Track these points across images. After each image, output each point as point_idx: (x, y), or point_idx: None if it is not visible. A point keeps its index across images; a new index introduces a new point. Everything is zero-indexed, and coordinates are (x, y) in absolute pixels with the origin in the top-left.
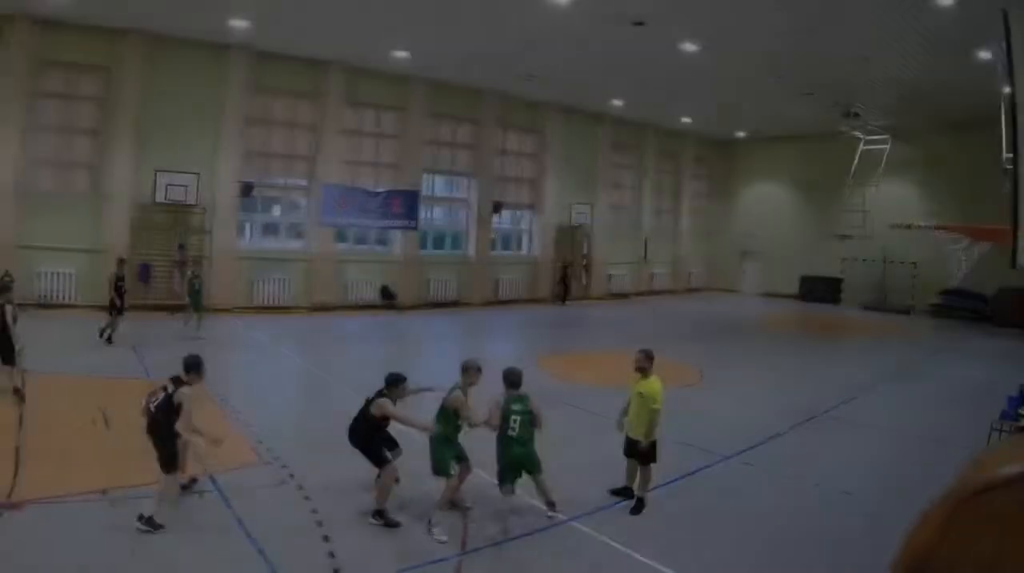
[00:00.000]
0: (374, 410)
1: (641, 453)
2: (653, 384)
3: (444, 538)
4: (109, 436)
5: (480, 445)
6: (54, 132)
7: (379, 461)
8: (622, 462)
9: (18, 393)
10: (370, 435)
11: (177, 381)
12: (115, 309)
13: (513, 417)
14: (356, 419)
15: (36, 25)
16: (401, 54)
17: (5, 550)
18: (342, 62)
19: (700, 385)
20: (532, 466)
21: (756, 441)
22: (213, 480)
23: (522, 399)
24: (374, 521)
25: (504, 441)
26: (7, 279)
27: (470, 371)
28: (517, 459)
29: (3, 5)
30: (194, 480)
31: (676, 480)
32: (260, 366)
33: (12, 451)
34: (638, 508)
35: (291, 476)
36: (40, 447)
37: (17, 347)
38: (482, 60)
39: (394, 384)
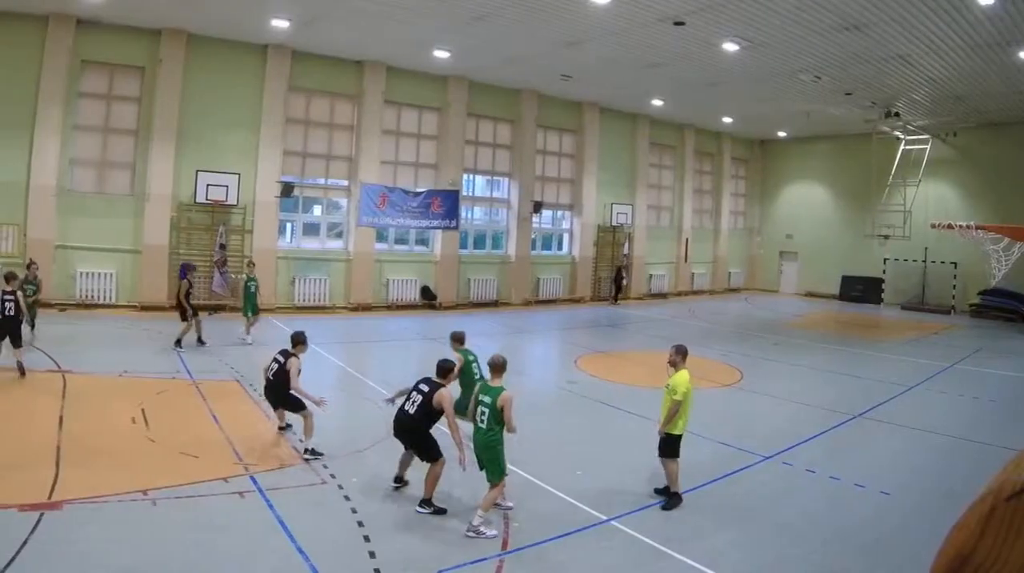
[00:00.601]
0: (436, 402)
1: (660, 444)
2: (679, 377)
3: (495, 532)
4: (149, 435)
5: (521, 444)
6: (93, 132)
7: (436, 454)
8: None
9: (20, 368)
10: (428, 428)
11: (286, 353)
12: (188, 315)
13: (481, 408)
14: (411, 413)
15: (75, 25)
16: (441, 54)
17: (46, 550)
18: (382, 62)
19: (740, 385)
20: (487, 470)
21: (796, 441)
22: (254, 480)
23: (493, 392)
24: (422, 510)
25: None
26: (33, 266)
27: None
28: (476, 452)
29: (43, 5)
30: (288, 426)
31: (716, 480)
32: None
33: (52, 451)
34: (669, 505)
35: (332, 476)
36: (80, 446)
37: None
38: (522, 60)
39: (450, 371)
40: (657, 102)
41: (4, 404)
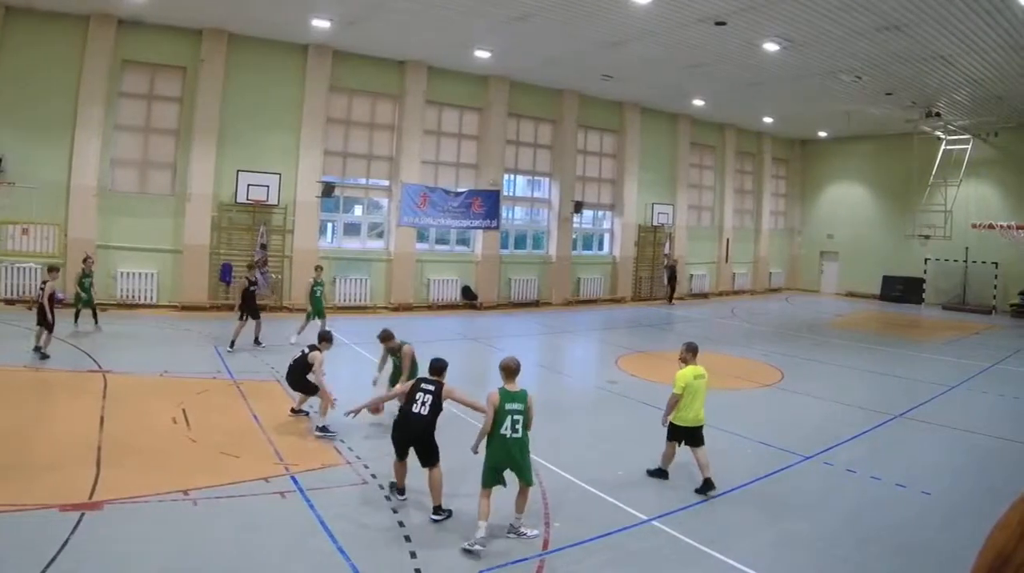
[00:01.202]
0: (446, 397)
1: (684, 435)
2: (682, 371)
3: (536, 532)
4: (190, 435)
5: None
6: (134, 132)
7: (438, 457)
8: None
9: (39, 351)
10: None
11: (312, 347)
12: (245, 315)
13: (513, 416)
14: (424, 414)
15: (116, 25)
16: (482, 54)
17: (86, 550)
18: (423, 62)
19: (781, 385)
20: (526, 474)
21: (836, 441)
22: (295, 480)
23: (521, 397)
24: (438, 517)
25: (495, 440)
26: (89, 260)
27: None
28: (507, 461)
29: (84, 5)
30: (303, 411)
31: (757, 480)
32: (339, 366)
33: (93, 451)
34: (704, 488)
35: (373, 476)
36: (121, 446)
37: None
38: (563, 60)
39: (444, 369)
40: (698, 102)
41: (45, 405)
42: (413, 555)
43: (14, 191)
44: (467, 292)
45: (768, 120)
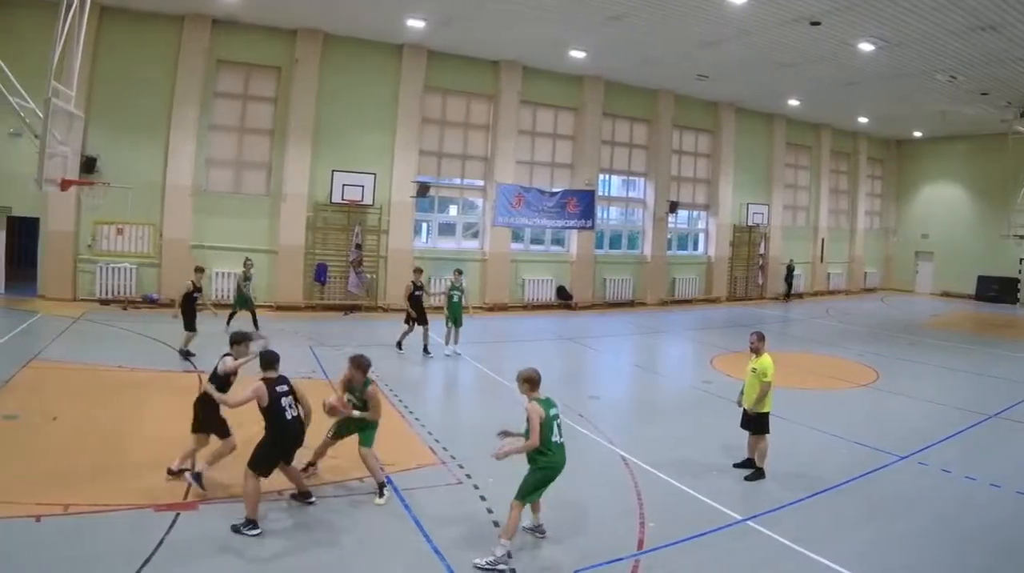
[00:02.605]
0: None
1: (752, 423)
2: (764, 360)
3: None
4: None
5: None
6: (229, 132)
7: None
8: (793, 457)
9: (181, 352)
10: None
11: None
12: (413, 319)
13: (556, 421)
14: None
15: (211, 25)
16: (577, 54)
17: (182, 551)
18: (518, 61)
19: (875, 385)
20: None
21: (931, 441)
22: (390, 480)
23: (553, 402)
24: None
25: (550, 449)
26: (248, 263)
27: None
28: (558, 470)
29: (179, 5)
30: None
31: (852, 480)
32: (434, 366)
33: (189, 452)
34: (755, 477)
35: (467, 476)
36: (216, 446)
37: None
38: (658, 60)
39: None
40: (793, 102)
41: (141, 406)
42: (509, 555)
43: (109, 191)
44: (562, 292)
45: (863, 120)
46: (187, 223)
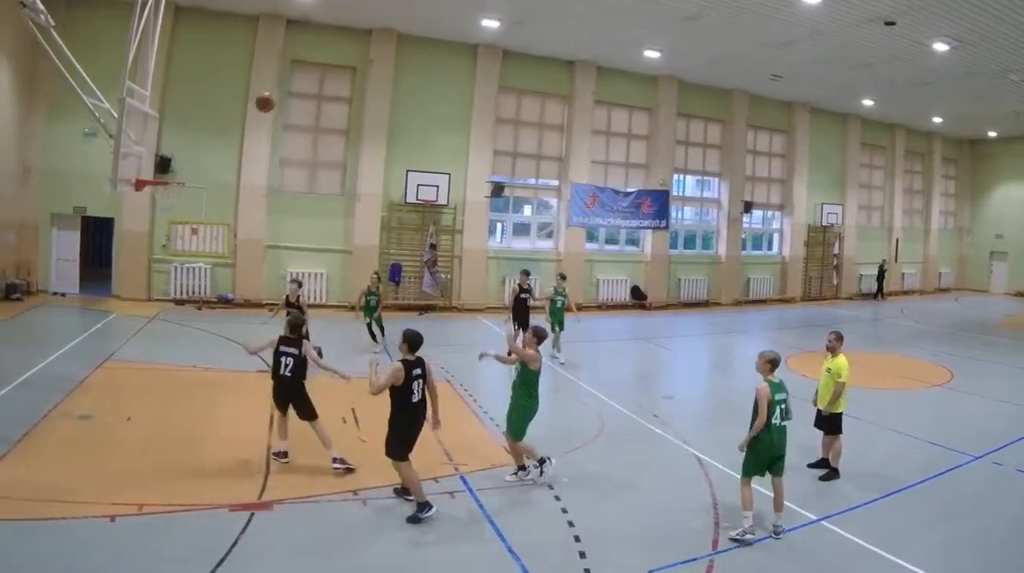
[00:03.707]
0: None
1: (826, 423)
2: (839, 361)
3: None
4: (359, 435)
5: (731, 444)
6: (303, 132)
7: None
8: (868, 457)
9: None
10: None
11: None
12: (517, 324)
13: (780, 406)
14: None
15: (285, 25)
16: (651, 54)
17: (257, 550)
18: (592, 62)
19: (950, 385)
20: (782, 463)
21: (1006, 441)
22: (464, 480)
23: (783, 386)
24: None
25: (768, 431)
26: (374, 276)
27: None
28: (780, 451)
29: (253, 5)
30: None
31: (926, 480)
32: (509, 368)
33: (263, 452)
34: (829, 477)
35: (541, 474)
36: (290, 447)
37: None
38: (731, 60)
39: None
40: (867, 102)
41: (214, 406)
42: (582, 555)
43: (183, 192)
44: (636, 292)
45: (937, 120)
46: (261, 223)
